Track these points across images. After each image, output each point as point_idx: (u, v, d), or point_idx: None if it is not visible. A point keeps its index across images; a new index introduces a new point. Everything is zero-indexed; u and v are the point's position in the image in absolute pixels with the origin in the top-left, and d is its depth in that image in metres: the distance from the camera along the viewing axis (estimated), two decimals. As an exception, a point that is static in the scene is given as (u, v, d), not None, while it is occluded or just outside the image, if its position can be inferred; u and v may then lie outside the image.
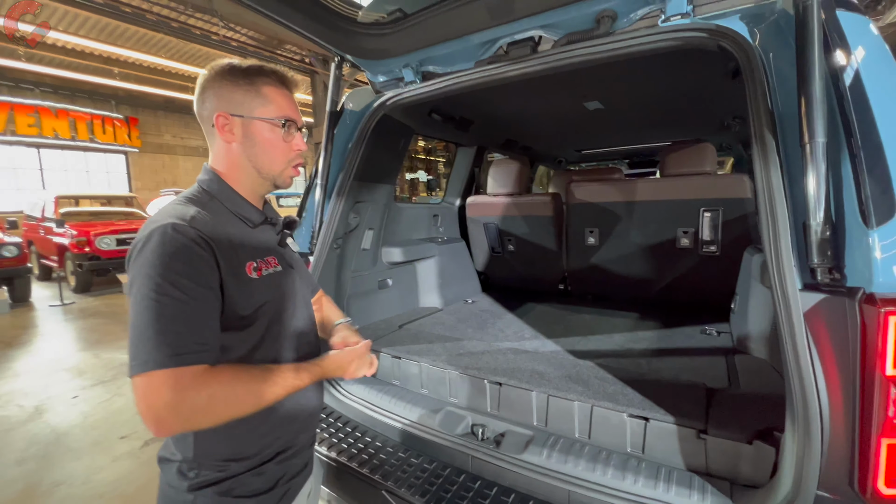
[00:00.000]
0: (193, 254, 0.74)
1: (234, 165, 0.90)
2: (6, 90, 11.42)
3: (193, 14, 9.07)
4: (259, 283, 0.84)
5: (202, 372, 0.71)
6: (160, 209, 0.83)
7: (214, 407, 0.71)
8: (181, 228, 0.75)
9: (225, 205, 0.88)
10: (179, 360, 0.68)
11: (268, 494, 0.87)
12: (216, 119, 0.87)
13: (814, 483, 0.78)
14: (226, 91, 0.87)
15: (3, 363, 4.35)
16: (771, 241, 0.86)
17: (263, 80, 0.89)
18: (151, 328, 0.68)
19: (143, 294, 0.70)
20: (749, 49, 0.97)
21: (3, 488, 2.43)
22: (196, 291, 0.73)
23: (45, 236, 7.92)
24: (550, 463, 1.12)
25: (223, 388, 0.72)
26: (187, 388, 0.68)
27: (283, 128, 0.89)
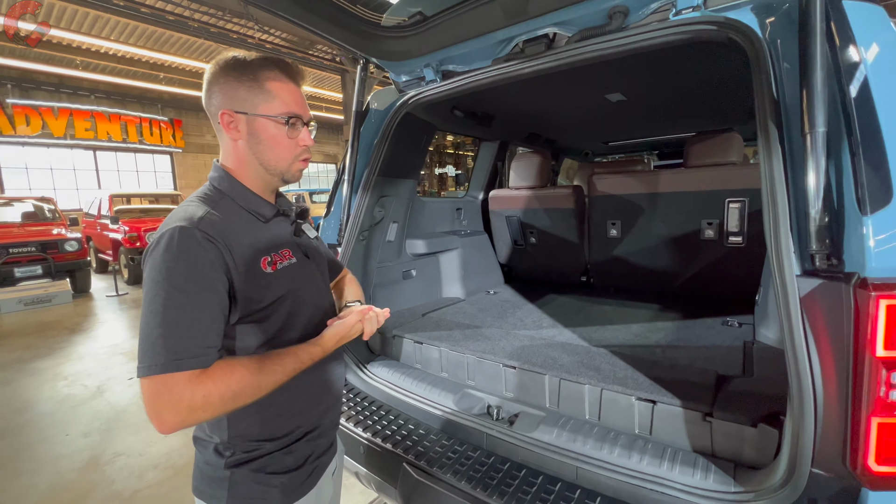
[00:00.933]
0: (198, 257, 0.75)
1: (242, 162, 0.90)
2: (66, 97, 12.36)
3: (231, 19, 9.49)
4: (274, 277, 0.85)
5: (200, 374, 0.73)
6: (173, 211, 0.84)
7: (211, 403, 0.72)
8: (187, 232, 0.75)
9: (237, 202, 0.88)
10: (178, 365, 0.70)
11: (298, 471, 0.91)
12: (221, 117, 0.86)
13: (808, 461, 0.80)
14: (230, 87, 0.85)
15: (68, 347, 4.80)
16: (771, 228, 0.88)
17: (267, 75, 0.86)
18: (155, 332, 0.71)
19: (149, 298, 0.73)
20: (756, 41, 0.98)
21: (73, 456, 2.73)
22: (199, 296, 0.74)
23: (101, 232, 8.57)
24: (560, 441, 1.18)
25: (217, 386, 0.73)
26: (184, 391, 0.70)
27: (287, 124, 0.87)
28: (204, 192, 0.89)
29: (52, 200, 8.17)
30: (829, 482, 0.80)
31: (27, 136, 11.65)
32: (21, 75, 11.50)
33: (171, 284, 0.73)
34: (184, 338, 0.72)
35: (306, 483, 0.94)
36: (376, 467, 1.39)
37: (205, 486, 0.89)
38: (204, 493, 0.89)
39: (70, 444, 2.86)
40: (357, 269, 1.94)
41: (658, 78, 1.85)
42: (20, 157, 12.00)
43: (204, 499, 0.89)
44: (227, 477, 0.86)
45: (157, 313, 0.71)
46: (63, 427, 3.08)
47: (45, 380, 3.91)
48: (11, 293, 6.34)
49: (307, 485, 0.94)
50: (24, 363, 4.32)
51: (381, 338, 1.87)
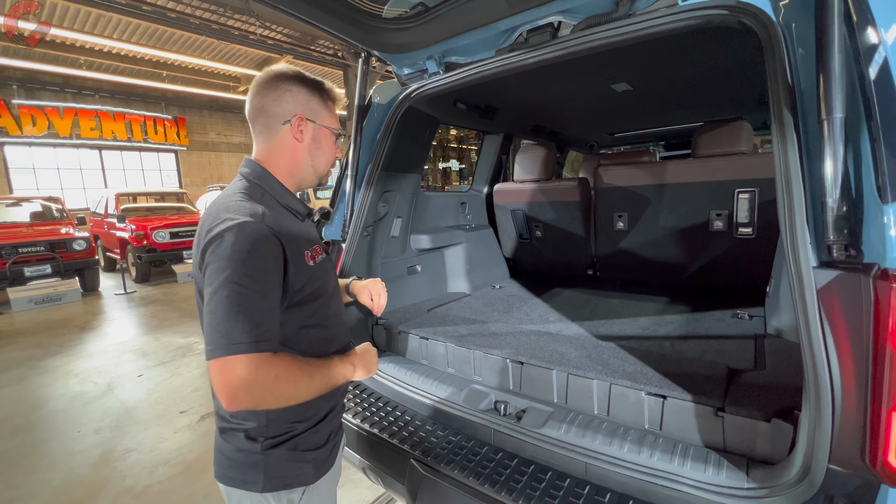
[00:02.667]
0: (267, 250, 0.83)
1: (295, 161, 1.00)
2: (71, 97, 12.42)
3: (232, 16, 9.46)
4: (315, 270, 0.95)
5: (270, 356, 0.80)
6: (224, 204, 0.89)
7: (280, 387, 0.79)
8: (255, 226, 0.82)
9: (277, 199, 0.96)
10: (256, 347, 0.76)
11: (324, 448, 1.01)
12: (294, 119, 0.96)
13: (825, 457, 0.78)
14: (304, 97, 0.98)
15: (78, 345, 4.85)
16: (786, 218, 0.85)
17: (327, 96, 1.03)
18: (232, 317, 0.76)
19: (222, 285, 0.77)
20: (770, 24, 0.95)
21: (85, 452, 2.76)
22: (269, 285, 0.82)
23: (108, 231, 8.64)
24: (569, 437, 1.17)
25: (287, 370, 0.81)
26: (259, 370, 0.76)
27: (336, 137, 1.06)
28: (246, 188, 0.94)
29: (60, 200, 8.23)
30: (846, 478, 0.78)
31: (33, 136, 11.74)
32: (26, 76, 11.56)
33: (245, 274, 0.78)
34: (259, 322, 0.78)
35: (331, 458, 1.04)
36: (383, 463, 1.38)
37: (236, 472, 0.93)
38: (235, 479, 0.94)
39: (82, 440, 2.90)
40: (362, 264, 1.93)
41: (665, 66, 1.81)
42: (27, 157, 12.10)
43: (235, 485, 0.94)
44: (263, 460, 0.92)
45: (231, 298, 0.77)
46: (75, 424, 3.12)
47: (57, 377, 3.96)
48: (22, 292, 6.41)
49: (332, 459, 1.04)
50: (35, 361, 4.37)
51: (387, 334, 1.87)
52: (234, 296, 0.77)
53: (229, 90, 14.12)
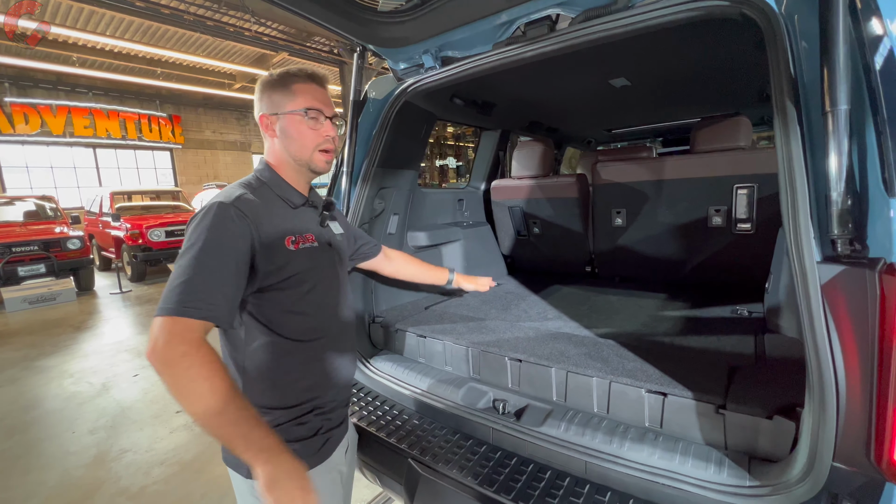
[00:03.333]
0: (229, 229, 0.88)
1: (279, 158, 1.06)
2: (64, 95, 12.30)
3: (227, 12, 9.36)
4: (295, 255, 0.98)
5: (200, 335, 0.81)
6: (222, 192, 0.97)
7: (180, 368, 0.77)
8: (224, 207, 0.89)
9: (273, 190, 1.03)
10: (180, 311, 0.80)
11: (311, 440, 1.01)
12: (260, 120, 1.04)
13: (829, 455, 0.77)
14: (266, 96, 1.03)
15: (73, 345, 4.82)
16: (789, 213, 0.84)
17: (293, 80, 1.03)
18: (176, 282, 0.82)
19: (180, 255, 0.86)
20: (772, 15, 0.93)
21: (80, 453, 2.74)
22: (220, 260, 0.85)
23: (103, 230, 8.58)
24: (568, 435, 1.16)
25: (196, 360, 0.78)
26: (172, 337, 0.78)
27: (306, 115, 1.01)
28: (247, 180, 1.04)
29: (54, 199, 8.16)
30: (851, 476, 0.77)
31: (26, 134, 11.62)
32: (18, 73, 11.42)
33: (200, 248, 0.84)
34: (195, 291, 0.82)
35: (320, 453, 1.03)
36: (381, 462, 1.37)
37: (231, 455, 0.97)
38: (231, 462, 0.99)
39: (77, 441, 2.87)
40: (358, 262, 1.91)
41: (664, 61, 1.79)
42: (20, 156, 11.97)
43: (231, 467, 1.00)
44: None
45: (182, 268, 0.83)
46: (70, 424, 3.10)
47: (52, 377, 3.93)
48: (16, 292, 6.36)
49: (321, 454, 1.03)
50: (30, 361, 4.34)
51: (384, 332, 1.85)
52: (184, 265, 0.83)
53: (224, 87, 14.01)
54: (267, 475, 0.76)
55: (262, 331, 0.97)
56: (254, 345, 0.98)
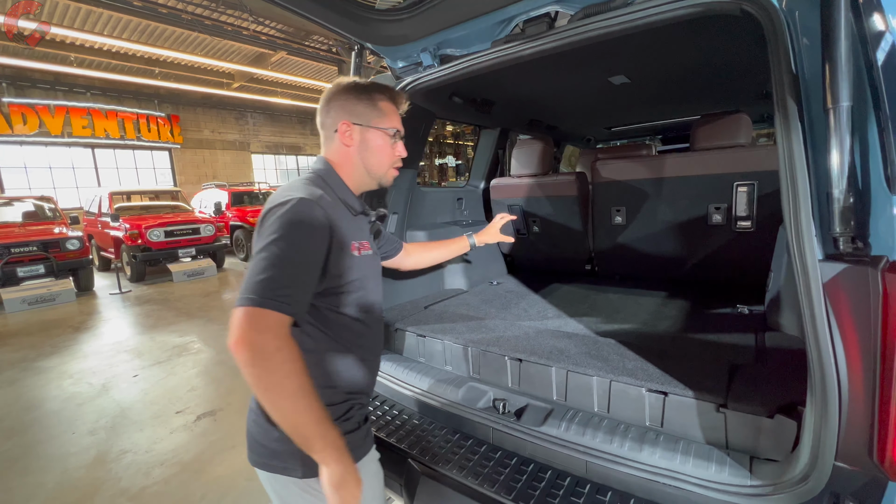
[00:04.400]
0: (314, 226, 0.89)
1: (350, 165, 1.08)
2: (62, 95, 12.26)
3: (225, 11, 9.33)
4: (358, 261, 1.01)
5: (286, 329, 0.81)
6: (289, 186, 0.99)
7: (273, 362, 0.77)
8: (309, 203, 0.90)
9: (336, 193, 1.04)
10: (272, 305, 0.79)
11: (356, 432, 1.03)
12: (340, 126, 1.05)
13: (831, 454, 0.77)
14: (350, 104, 1.05)
15: (73, 345, 4.81)
16: (791, 210, 0.83)
17: (380, 97, 1.07)
18: (261, 274, 0.81)
19: (264, 247, 0.84)
20: (773, 11, 0.92)
21: (80, 454, 2.73)
22: (305, 256, 0.86)
23: (102, 230, 8.56)
24: (569, 435, 1.15)
25: (288, 352, 0.78)
26: (265, 330, 0.77)
27: (392, 137, 1.09)
28: (312, 178, 1.04)
29: (52, 199, 8.14)
30: (853, 476, 0.76)
31: (24, 135, 11.57)
32: (16, 73, 11.38)
33: (286, 240, 0.84)
34: (285, 285, 0.82)
35: (365, 444, 1.06)
36: (381, 463, 1.36)
37: (276, 460, 0.95)
38: (276, 466, 0.96)
39: (77, 441, 2.87)
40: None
41: (663, 58, 1.79)
42: (18, 156, 11.94)
43: (277, 472, 0.96)
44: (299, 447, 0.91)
45: (269, 258, 0.82)
46: (69, 425, 3.09)
47: (51, 378, 3.92)
48: (15, 293, 6.34)
49: (366, 445, 1.06)
50: (29, 362, 4.33)
51: (384, 331, 1.84)
52: (270, 257, 0.82)
53: (223, 87, 13.97)
54: (338, 474, 0.83)
55: (315, 331, 0.98)
56: (310, 346, 0.97)
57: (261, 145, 17.08)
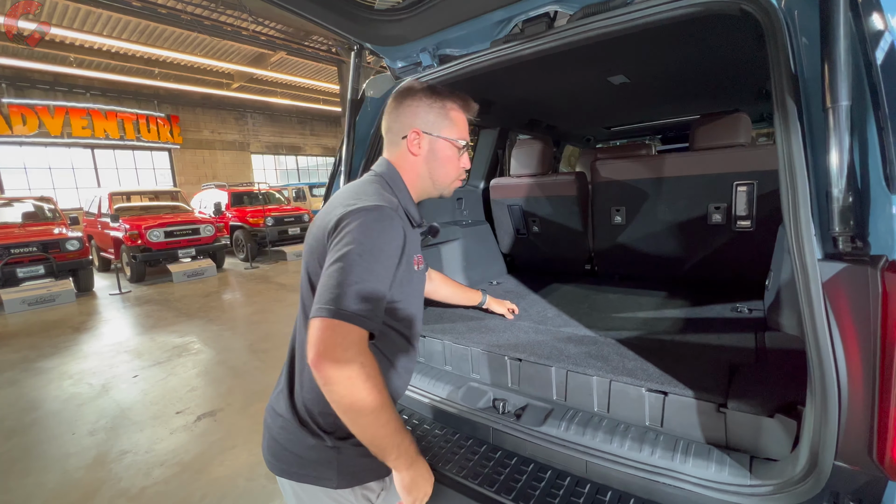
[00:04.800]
0: (394, 238, 0.87)
1: (415, 173, 1.04)
2: (61, 96, 12.27)
3: (224, 11, 9.34)
4: (417, 275, 1.00)
5: (366, 344, 0.79)
6: (360, 189, 0.95)
7: (359, 378, 0.76)
8: (389, 213, 0.87)
9: (401, 203, 0.99)
10: (360, 321, 0.77)
11: None
12: (410, 134, 1.01)
13: (831, 454, 0.77)
14: (421, 111, 1.01)
15: (72, 346, 4.81)
16: (790, 210, 0.83)
17: (451, 105, 1.03)
18: (347, 285, 0.78)
19: (346, 254, 0.80)
20: (772, 10, 0.92)
21: (80, 454, 2.73)
22: (386, 269, 0.85)
23: (102, 231, 8.56)
24: (569, 435, 1.15)
25: (370, 369, 0.78)
26: (353, 345, 0.76)
27: (461, 149, 1.05)
28: (380, 181, 1.00)
29: (52, 200, 8.14)
30: (853, 475, 0.76)
31: (24, 135, 11.59)
32: (15, 74, 11.39)
33: (374, 250, 0.82)
34: (367, 299, 0.79)
35: None
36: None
37: (308, 469, 0.93)
38: (307, 476, 0.94)
39: (77, 442, 2.87)
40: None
41: (663, 58, 1.79)
42: (18, 157, 11.95)
43: (308, 481, 0.94)
44: (335, 455, 0.92)
45: (354, 270, 0.79)
46: (69, 426, 3.09)
47: (51, 379, 3.92)
48: (15, 293, 6.34)
49: None
50: (29, 363, 4.33)
51: None
52: (354, 267, 0.79)
53: (222, 87, 13.98)
54: (409, 478, 0.87)
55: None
56: None
57: (260, 145, 17.09)
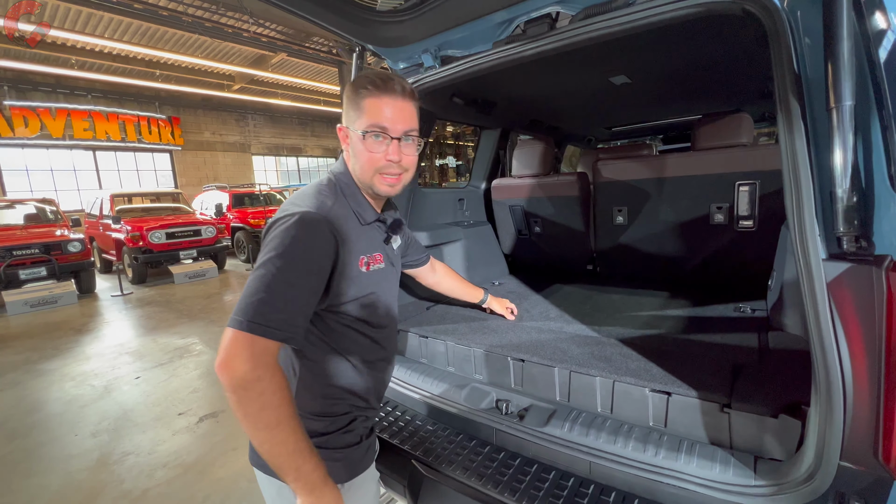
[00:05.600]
0: (317, 243, 0.83)
1: (352, 170, 1.01)
2: (63, 98, 12.30)
3: (225, 13, 9.36)
4: (365, 277, 0.95)
5: (275, 357, 0.78)
6: (300, 193, 0.94)
7: (253, 393, 0.75)
8: (313, 217, 0.84)
9: (349, 201, 0.97)
10: (265, 331, 0.76)
11: (357, 447, 1.01)
12: (338, 131, 1.00)
13: (836, 454, 0.77)
14: (346, 104, 0.97)
15: (75, 348, 4.81)
16: (794, 210, 0.83)
17: (364, 92, 0.92)
18: (258, 294, 0.77)
19: (263, 262, 0.80)
20: (775, 10, 0.92)
21: (82, 456, 2.73)
22: (305, 277, 0.81)
23: (104, 232, 8.58)
24: (572, 436, 1.15)
25: (270, 382, 0.76)
26: (253, 358, 0.75)
27: (364, 138, 0.92)
28: (327, 186, 0.97)
29: (54, 202, 8.16)
30: (858, 475, 0.76)
31: (26, 137, 11.61)
32: (17, 76, 11.43)
33: (286, 259, 0.80)
34: (278, 309, 0.78)
35: (365, 459, 1.03)
36: (384, 464, 1.36)
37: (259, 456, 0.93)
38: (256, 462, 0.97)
39: (79, 444, 2.87)
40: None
41: (664, 58, 1.79)
42: (20, 159, 11.98)
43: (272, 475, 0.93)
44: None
45: (265, 278, 0.78)
46: (72, 427, 3.09)
47: (53, 380, 3.93)
48: (17, 295, 6.35)
49: (367, 460, 1.03)
50: (31, 364, 4.34)
51: None
52: (268, 276, 0.78)
53: (223, 89, 14.00)
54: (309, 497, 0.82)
55: (321, 341, 0.96)
56: (312, 355, 0.96)
57: (261, 147, 17.10)
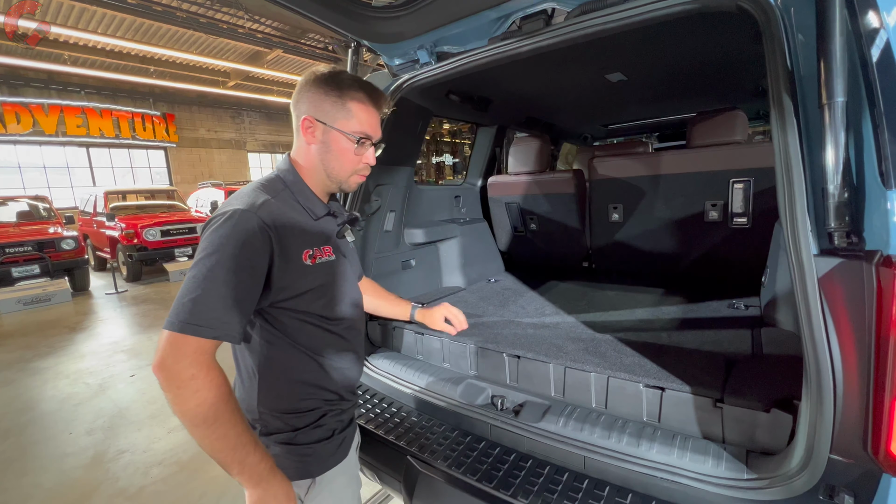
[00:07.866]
0: (247, 241, 0.83)
1: (311, 165, 1.00)
2: (56, 94, 12.17)
3: (220, 9, 9.28)
4: (313, 269, 0.95)
5: (211, 355, 0.80)
6: (237, 193, 0.94)
7: (187, 390, 0.76)
8: (245, 215, 0.84)
9: (295, 196, 0.97)
10: (195, 330, 0.77)
11: (328, 441, 1.01)
12: (302, 121, 0.97)
13: (826, 447, 0.78)
14: (317, 98, 0.96)
15: (69, 346, 4.78)
16: (786, 206, 0.84)
17: (352, 95, 0.96)
18: (189, 295, 0.78)
19: (196, 263, 0.81)
20: (769, 8, 0.93)
21: (78, 454, 2.72)
22: (236, 275, 0.81)
23: (97, 230, 8.51)
24: (567, 431, 1.16)
25: (206, 382, 0.77)
26: (183, 355, 0.76)
27: (357, 143, 0.98)
28: (269, 180, 0.99)
29: (47, 199, 8.09)
30: (848, 468, 0.77)
31: (18, 134, 11.50)
32: (8, 72, 11.29)
33: (217, 258, 0.80)
34: (210, 308, 0.78)
35: (337, 454, 1.03)
36: (379, 460, 1.37)
37: None
38: None
39: (74, 442, 2.86)
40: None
41: (660, 55, 1.79)
42: (12, 155, 11.86)
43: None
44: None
45: (196, 279, 0.79)
46: (66, 425, 3.08)
47: (47, 379, 3.91)
48: (10, 293, 6.30)
49: (338, 455, 1.04)
50: (25, 363, 4.31)
51: (382, 329, 1.85)
52: (199, 276, 0.79)
53: (218, 85, 13.90)
54: (257, 497, 0.84)
55: (277, 338, 0.95)
56: (269, 351, 0.96)
57: (257, 144, 17.02)
